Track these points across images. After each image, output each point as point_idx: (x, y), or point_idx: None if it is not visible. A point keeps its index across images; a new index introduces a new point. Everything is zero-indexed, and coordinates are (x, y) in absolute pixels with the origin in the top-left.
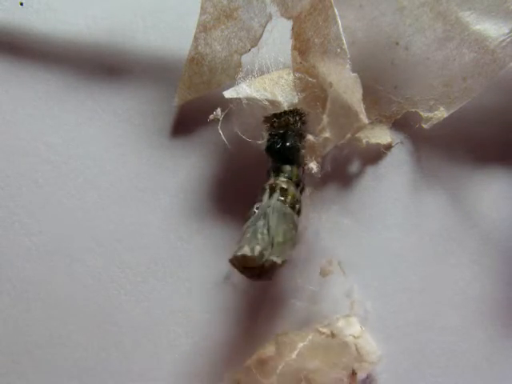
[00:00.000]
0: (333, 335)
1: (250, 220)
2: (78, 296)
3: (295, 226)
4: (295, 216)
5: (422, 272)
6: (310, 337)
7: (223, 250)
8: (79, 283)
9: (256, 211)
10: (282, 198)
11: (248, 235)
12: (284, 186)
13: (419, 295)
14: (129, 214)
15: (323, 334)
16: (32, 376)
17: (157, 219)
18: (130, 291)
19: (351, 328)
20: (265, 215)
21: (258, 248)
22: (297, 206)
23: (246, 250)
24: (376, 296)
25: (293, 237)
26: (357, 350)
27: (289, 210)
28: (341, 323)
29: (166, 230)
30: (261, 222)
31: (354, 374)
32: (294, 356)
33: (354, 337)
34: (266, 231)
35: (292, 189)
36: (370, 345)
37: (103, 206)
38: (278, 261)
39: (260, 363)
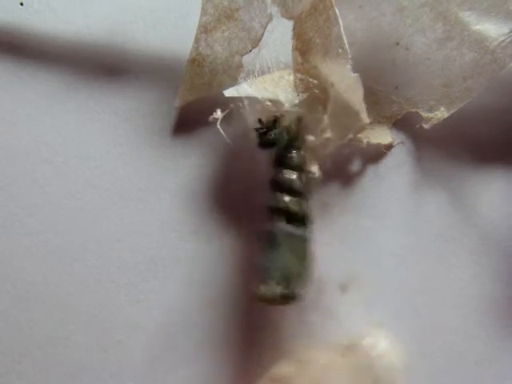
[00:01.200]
0: (355, 354)
1: (264, 250)
2: (78, 296)
3: (308, 244)
4: (306, 232)
5: (421, 272)
6: (331, 355)
7: (224, 249)
8: (79, 283)
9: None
10: (289, 221)
11: (264, 270)
12: (287, 207)
13: (419, 295)
14: (129, 213)
15: (346, 352)
16: (32, 376)
17: (157, 219)
18: (130, 291)
19: (375, 347)
20: (275, 244)
21: (277, 289)
22: (305, 219)
23: (264, 291)
24: (375, 296)
25: (308, 259)
26: (380, 369)
27: (298, 232)
28: (364, 341)
29: (166, 229)
30: (274, 254)
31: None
32: (314, 375)
33: (379, 356)
34: (280, 264)
35: (295, 208)
36: (393, 362)
37: (103, 206)
38: (299, 291)
39: (277, 382)
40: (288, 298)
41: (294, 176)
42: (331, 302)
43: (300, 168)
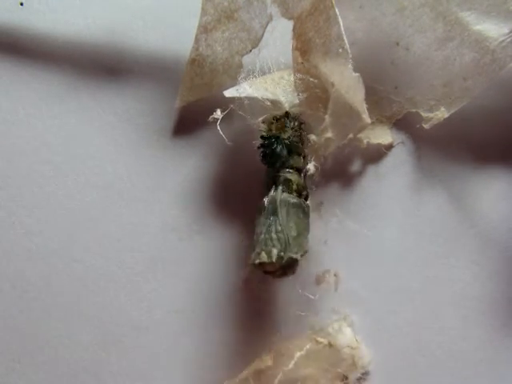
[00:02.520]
0: (330, 345)
1: (261, 218)
2: (78, 296)
3: (306, 214)
4: (304, 203)
5: (421, 272)
6: (308, 346)
7: (223, 249)
8: (79, 283)
9: (266, 206)
10: (287, 189)
11: (262, 236)
12: (287, 176)
13: (419, 295)
14: (129, 213)
15: (320, 343)
16: (32, 376)
17: (157, 219)
18: (130, 291)
19: (347, 338)
20: (274, 211)
21: (274, 251)
22: (303, 192)
23: (264, 257)
24: (376, 296)
25: (306, 226)
26: (352, 360)
27: (296, 200)
28: (334, 330)
29: (166, 229)
30: (272, 220)
31: (345, 378)
32: (291, 366)
33: (352, 348)
34: (279, 228)
35: (296, 177)
36: (363, 352)
37: (103, 206)
38: (298, 256)
39: (257, 374)
40: (285, 263)
41: (295, 156)
42: (315, 295)
43: (300, 154)
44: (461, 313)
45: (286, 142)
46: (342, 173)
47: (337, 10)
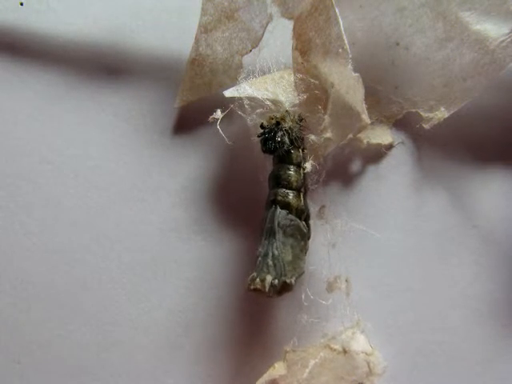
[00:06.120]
0: (344, 352)
1: (261, 236)
2: (78, 296)
3: (303, 235)
4: (302, 223)
5: (422, 272)
6: (322, 354)
7: (223, 250)
8: (79, 283)
9: (266, 226)
10: (286, 211)
11: (260, 259)
12: (285, 200)
13: (419, 295)
14: (129, 213)
15: (335, 350)
16: (32, 376)
17: (157, 219)
18: (130, 291)
19: (361, 344)
20: (272, 233)
21: (268, 279)
22: (303, 215)
23: (258, 283)
24: (376, 296)
25: (302, 247)
26: (368, 366)
27: (294, 220)
28: (348, 337)
29: (166, 229)
30: (270, 242)
31: None
32: (305, 375)
33: (367, 354)
34: (276, 252)
35: (294, 201)
36: (378, 359)
37: (103, 206)
38: (292, 280)
39: (272, 383)
40: (278, 289)
41: (293, 172)
42: (327, 301)
43: (299, 165)
44: (461, 313)
45: (287, 129)
46: (342, 173)
47: (337, 10)
